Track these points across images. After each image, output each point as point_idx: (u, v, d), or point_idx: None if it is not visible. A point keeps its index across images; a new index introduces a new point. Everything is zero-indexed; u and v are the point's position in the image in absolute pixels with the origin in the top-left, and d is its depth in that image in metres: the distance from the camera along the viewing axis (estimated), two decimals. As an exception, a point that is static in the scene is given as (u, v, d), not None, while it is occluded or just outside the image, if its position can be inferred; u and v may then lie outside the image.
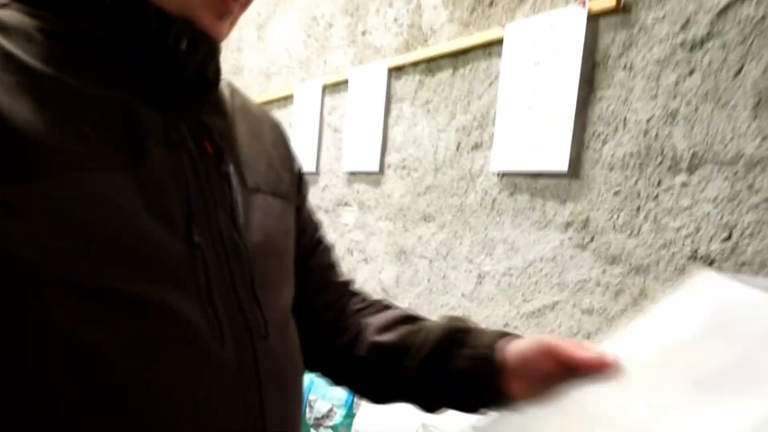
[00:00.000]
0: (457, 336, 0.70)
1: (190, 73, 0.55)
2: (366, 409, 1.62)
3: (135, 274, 0.47)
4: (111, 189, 0.46)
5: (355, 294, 0.82)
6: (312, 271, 0.77)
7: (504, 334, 0.69)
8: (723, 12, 1.15)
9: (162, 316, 0.48)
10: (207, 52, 0.55)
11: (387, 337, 0.74)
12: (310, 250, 0.78)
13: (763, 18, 1.09)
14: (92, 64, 0.50)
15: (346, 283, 0.83)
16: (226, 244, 0.55)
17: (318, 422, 1.72)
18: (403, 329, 0.74)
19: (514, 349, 0.65)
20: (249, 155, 0.64)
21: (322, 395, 1.78)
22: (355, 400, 1.70)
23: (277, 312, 0.61)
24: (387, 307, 0.80)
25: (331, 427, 1.70)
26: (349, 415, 1.68)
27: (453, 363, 0.68)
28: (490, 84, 1.66)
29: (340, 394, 1.74)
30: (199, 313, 0.50)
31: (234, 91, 0.69)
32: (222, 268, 0.54)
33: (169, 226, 0.50)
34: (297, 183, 0.75)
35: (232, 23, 0.58)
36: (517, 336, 0.68)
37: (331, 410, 1.72)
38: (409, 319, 0.76)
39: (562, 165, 1.42)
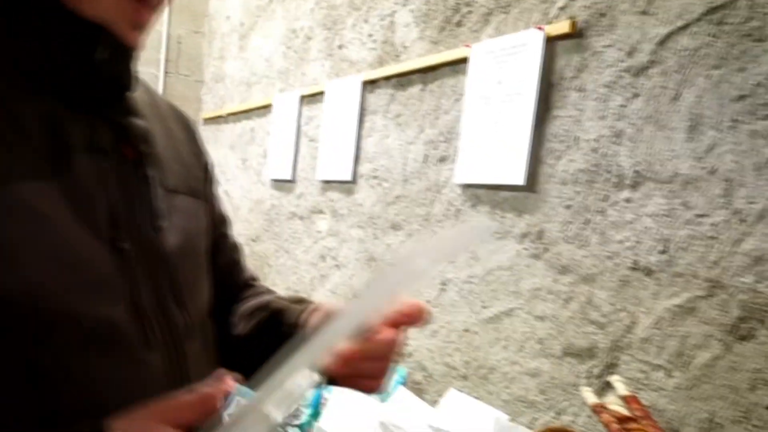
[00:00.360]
0: (275, 318, 0.74)
1: (108, 80, 0.56)
2: (331, 408, 1.68)
3: (62, 282, 0.47)
4: (37, 199, 0.47)
5: (251, 287, 0.85)
6: (217, 268, 0.76)
7: (304, 306, 0.73)
8: (663, 42, 1.24)
9: (90, 322, 0.49)
10: (124, 59, 0.56)
11: (240, 329, 0.78)
12: (216, 247, 0.78)
13: (697, 49, 1.18)
14: (11, 73, 0.51)
15: (248, 280, 0.86)
16: (150, 248, 0.56)
17: (286, 422, 1.78)
18: (254, 319, 0.78)
19: (313, 322, 0.69)
20: (166, 156, 0.64)
21: (290, 395, 1.84)
22: (322, 399, 1.76)
23: (199, 312, 0.64)
24: (256, 295, 0.83)
25: (299, 426, 1.76)
26: (315, 414, 1.75)
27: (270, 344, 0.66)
28: (457, 100, 1.75)
29: (308, 393, 1.81)
30: (127, 318, 0.52)
31: (145, 89, 0.70)
32: (147, 272, 0.55)
33: (95, 233, 0.51)
34: (206, 178, 0.75)
35: (147, 30, 0.59)
36: (317, 306, 0.73)
37: (297, 410, 1.78)
38: (264, 307, 0.79)
39: (519, 179, 1.50)
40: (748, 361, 1.10)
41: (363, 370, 0.58)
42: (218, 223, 0.80)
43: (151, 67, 3.52)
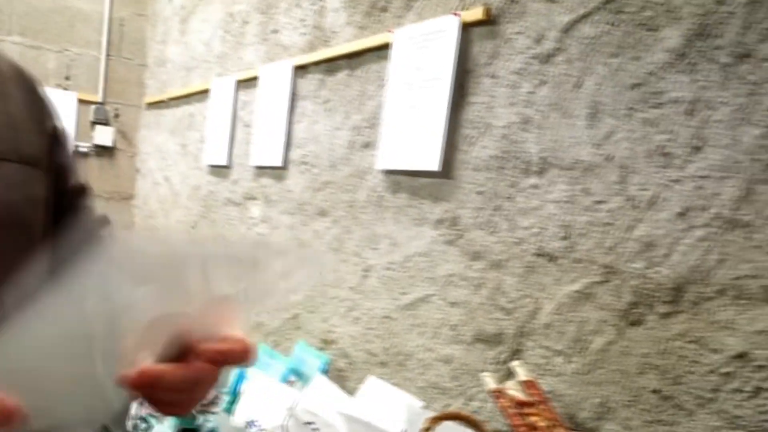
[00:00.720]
0: None
1: None
2: (248, 394, 1.67)
3: None
4: None
5: None
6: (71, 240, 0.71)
7: None
8: (568, 30, 1.25)
9: None
10: None
11: None
12: (68, 220, 0.73)
13: (597, 37, 1.19)
14: None
15: None
16: None
17: (204, 408, 1.76)
18: None
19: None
20: None
21: (211, 382, 1.82)
22: (240, 385, 1.75)
23: (20, 288, 0.62)
24: None
25: (218, 413, 1.74)
26: (234, 401, 1.73)
27: None
28: (381, 86, 1.74)
29: (226, 380, 1.79)
30: None
31: None
32: None
33: None
34: (50, 143, 0.70)
35: None
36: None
37: (217, 396, 1.77)
38: None
39: (435, 165, 1.50)
40: (638, 346, 1.12)
41: (163, 396, 0.50)
42: (73, 194, 0.75)
43: (92, 49, 3.44)
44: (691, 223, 1.05)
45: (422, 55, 1.56)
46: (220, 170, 2.65)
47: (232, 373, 1.80)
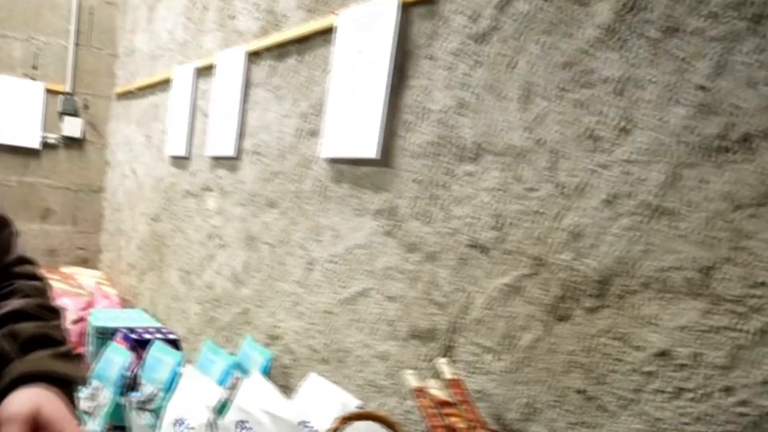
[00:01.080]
0: None
1: None
2: (180, 392, 1.60)
3: None
4: None
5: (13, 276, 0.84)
6: None
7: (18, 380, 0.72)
8: (503, 6, 1.17)
9: None
10: None
11: None
12: None
13: (531, 14, 1.12)
14: None
15: (13, 262, 0.85)
16: None
17: (141, 405, 1.69)
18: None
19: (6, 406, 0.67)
20: None
21: (149, 378, 1.75)
22: (174, 383, 1.67)
23: None
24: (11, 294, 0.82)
25: (153, 411, 1.67)
26: (168, 399, 1.66)
27: None
28: (326, 71, 1.67)
29: (164, 377, 1.72)
30: None
31: None
32: None
33: None
34: None
35: None
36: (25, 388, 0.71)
37: (154, 393, 1.69)
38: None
39: (373, 152, 1.43)
40: (565, 343, 1.05)
41: None
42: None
43: (60, 38, 3.37)
44: (618, 212, 0.97)
45: (364, 38, 1.49)
46: (180, 161, 2.58)
47: (168, 370, 1.73)
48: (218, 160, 2.25)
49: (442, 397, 1.10)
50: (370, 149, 1.44)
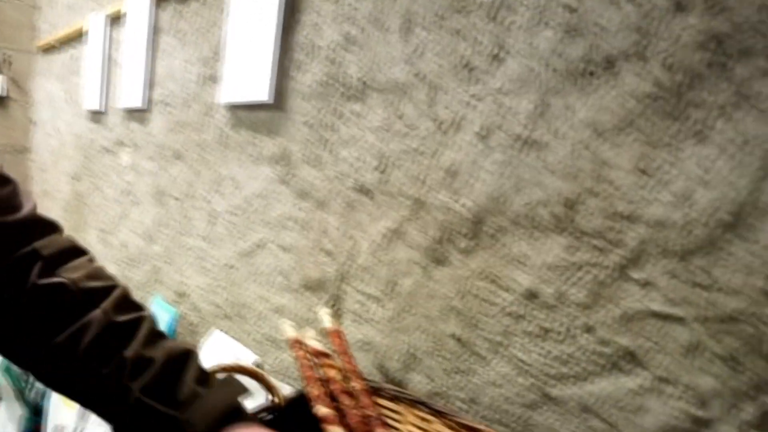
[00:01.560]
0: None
1: None
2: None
3: None
4: None
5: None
6: None
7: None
8: (384, -70, 1.09)
9: None
10: None
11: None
12: None
13: (409, -65, 1.04)
14: None
15: None
16: None
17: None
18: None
19: None
20: None
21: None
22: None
23: None
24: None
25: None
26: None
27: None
28: (228, 13, 1.57)
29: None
30: None
31: None
32: None
33: None
34: None
35: None
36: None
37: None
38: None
39: (265, 95, 1.35)
40: (442, 288, 0.99)
41: None
42: None
43: (-25, -12, 3.17)
44: (490, 146, 0.91)
45: (257, -27, 1.39)
46: (97, 116, 2.46)
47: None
48: (131, 113, 2.14)
49: (318, 347, 1.05)
50: (262, 92, 1.35)
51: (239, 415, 0.67)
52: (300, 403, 1.00)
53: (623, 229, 0.75)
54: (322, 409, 0.97)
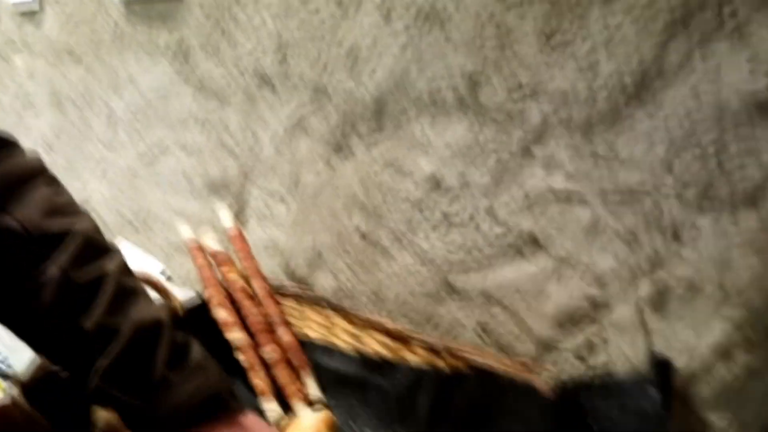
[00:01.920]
0: None
1: None
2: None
3: None
4: None
5: None
6: None
7: None
8: None
9: None
10: None
11: None
12: None
13: None
14: None
15: None
16: None
17: None
18: None
19: None
20: None
21: None
22: None
23: None
24: None
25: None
26: None
27: None
28: None
29: None
30: None
31: None
32: None
33: None
34: None
35: None
36: None
37: None
38: None
39: (159, -19, 1.22)
40: (346, 181, 0.94)
41: None
42: None
43: None
44: (395, 27, 0.84)
45: None
46: (-12, 19, 2.24)
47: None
48: (24, 16, 1.95)
49: (216, 248, 0.99)
50: (155, -22, 1.23)
51: (220, 405, 0.56)
52: (202, 310, 0.94)
53: (527, 104, 0.71)
54: (220, 312, 0.92)
